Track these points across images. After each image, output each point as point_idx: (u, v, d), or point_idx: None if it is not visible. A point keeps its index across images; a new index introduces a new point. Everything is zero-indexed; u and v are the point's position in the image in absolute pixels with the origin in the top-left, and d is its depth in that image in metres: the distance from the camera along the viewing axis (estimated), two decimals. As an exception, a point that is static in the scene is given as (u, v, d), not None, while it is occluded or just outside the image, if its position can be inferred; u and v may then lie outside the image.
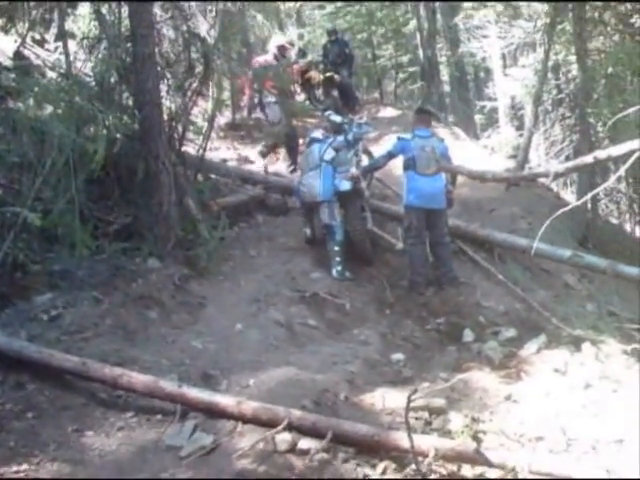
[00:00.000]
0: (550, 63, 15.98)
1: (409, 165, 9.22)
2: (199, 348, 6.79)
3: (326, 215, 9.40)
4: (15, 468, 4.74)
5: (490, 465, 4.56)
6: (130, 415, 5.51)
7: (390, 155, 9.60)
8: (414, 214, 9.13)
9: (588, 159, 5.00)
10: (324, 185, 9.43)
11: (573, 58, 14.79)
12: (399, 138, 9.60)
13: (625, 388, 5.84)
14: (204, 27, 10.32)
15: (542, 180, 13.59)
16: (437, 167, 8.49)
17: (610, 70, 13.08)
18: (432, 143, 9.33)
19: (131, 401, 5.66)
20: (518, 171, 8.35)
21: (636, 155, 4.16)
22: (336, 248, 9.32)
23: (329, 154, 9.69)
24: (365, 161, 10.43)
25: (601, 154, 5.03)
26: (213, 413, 5.31)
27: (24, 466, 4.77)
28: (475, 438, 4.73)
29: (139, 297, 7.40)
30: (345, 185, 9.45)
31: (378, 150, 11.22)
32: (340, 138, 9.89)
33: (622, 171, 4.58)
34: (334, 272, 9.24)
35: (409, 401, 4.38)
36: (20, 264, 7.25)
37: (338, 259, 9.29)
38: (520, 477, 4.38)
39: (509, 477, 4.44)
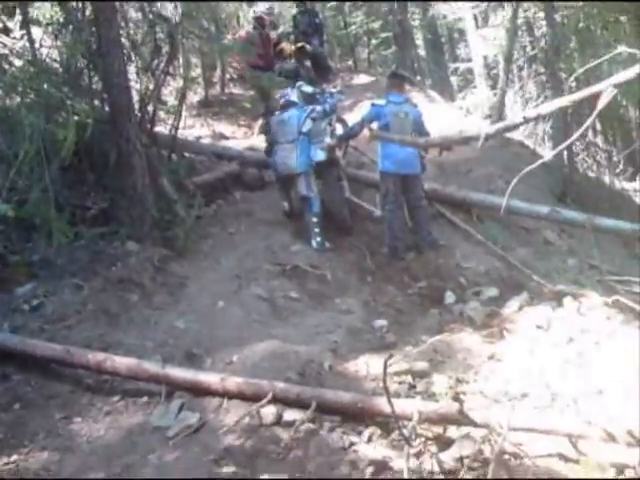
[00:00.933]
0: (522, 21, 15.98)
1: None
2: (182, 328, 6.80)
3: (303, 187, 9.38)
4: (5, 460, 4.81)
5: (475, 425, 4.61)
6: (116, 399, 5.56)
7: (364, 122, 9.55)
8: (390, 180, 9.13)
9: (517, 119, 5.02)
10: (300, 157, 9.41)
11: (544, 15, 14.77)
12: (373, 105, 9.53)
13: (607, 339, 5.88)
14: (169, 7, 10.25)
15: (518, 138, 13.74)
16: (370, 135, 8.45)
17: (580, 25, 13.10)
18: (405, 109, 9.31)
19: (117, 385, 5.71)
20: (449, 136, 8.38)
21: (599, 108, 4.16)
22: (314, 219, 9.32)
23: (307, 125, 9.63)
24: (339, 130, 10.42)
25: (530, 113, 5.05)
26: (198, 391, 5.37)
27: (14, 457, 4.83)
28: (456, 399, 4.76)
29: (119, 281, 7.40)
30: (320, 155, 9.45)
31: (352, 118, 11.20)
32: (319, 108, 9.86)
33: (589, 122, 4.57)
34: (314, 243, 9.24)
35: (385, 366, 4.40)
36: (-1, 256, 7.27)
37: (317, 230, 9.29)
38: (503, 434, 4.42)
39: (493, 435, 4.49)
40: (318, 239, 9.25)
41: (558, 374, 5.41)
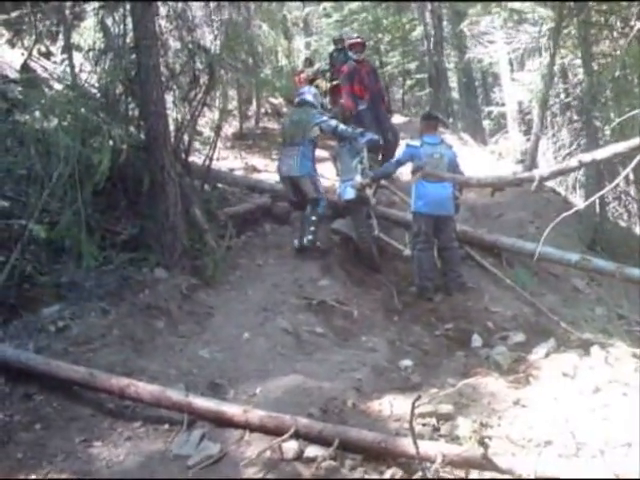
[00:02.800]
0: (557, 67, 15.96)
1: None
2: (206, 357, 6.79)
3: (311, 189, 9.68)
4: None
5: (498, 470, 4.54)
6: (138, 425, 5.52)
7: (399, 163, 9.55)
8: (422, 220, 9.09)
9: (573, 163, 5.00)
10: (301, 161, 9.64)
11: (580, 62, 14.76)
12: (408, 145, 9.51)
13: (634, 391, 5.79)
14: (209, 37, 10.35)
15: (550, 185, 13.68)
16: (422, 173, 8.42)
17: (617, 74, 13.06)
18: (441, 150, 9.28)
19: (139, 411, 5.67)
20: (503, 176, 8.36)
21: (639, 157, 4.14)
22: (313, 218, 9.60)
23: (314, 132, 9.86)
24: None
25: (585, 157, 5.03)
26: (220, 422, 5.33)
27: (32, 477, 4.80)
28: (482, 443, 4.70)
29: (146, 307, 7.41)
30: (350, 193, 9.46)
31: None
32: (332, 123, 10.04)
33: (625, 173, 4.56)
34: (305, 240, 9.53)
35: (413, 407, 4.36)
36: (28, 276, 7.29)
37: (312, 229, 9.55)
38: (528, 482, 4.36)
39: (517, 482, 4.43)
40: (310, 237, 9.54)
41: (583, 423, 5.32)
